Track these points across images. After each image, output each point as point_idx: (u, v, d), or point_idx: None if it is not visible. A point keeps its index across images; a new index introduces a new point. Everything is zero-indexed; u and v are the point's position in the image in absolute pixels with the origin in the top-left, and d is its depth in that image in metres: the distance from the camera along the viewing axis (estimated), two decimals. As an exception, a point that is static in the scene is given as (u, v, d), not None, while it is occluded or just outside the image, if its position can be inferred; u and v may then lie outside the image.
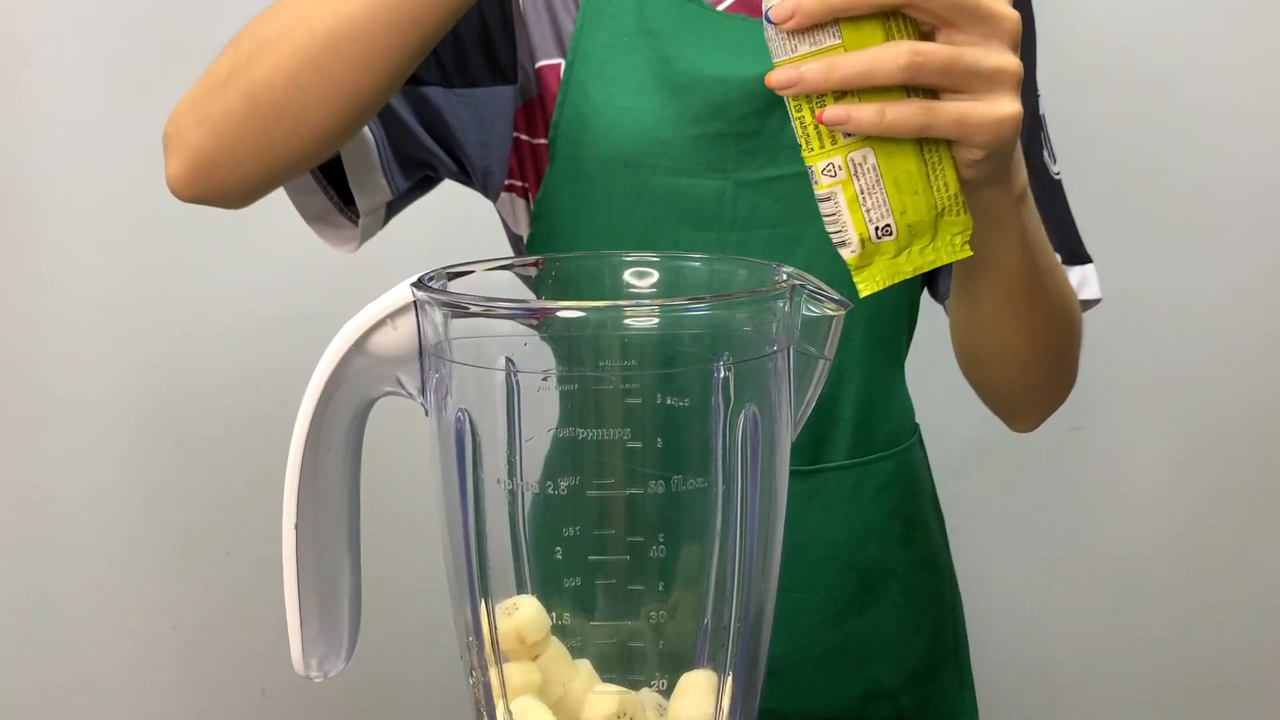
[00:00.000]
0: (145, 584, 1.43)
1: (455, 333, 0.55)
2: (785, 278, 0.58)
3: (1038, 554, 1.52)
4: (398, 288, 0.56)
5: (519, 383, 0.55)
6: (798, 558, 0.85)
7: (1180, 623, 1.53)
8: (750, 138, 0.81)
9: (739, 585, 0.58)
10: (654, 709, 0.61)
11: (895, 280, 0.57)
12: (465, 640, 0.58)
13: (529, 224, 0.87)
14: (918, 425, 0.94)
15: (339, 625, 0.61)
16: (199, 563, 1.43)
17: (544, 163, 0.84)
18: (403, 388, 0.59)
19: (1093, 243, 0.88)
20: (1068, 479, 1.50)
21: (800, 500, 0.85)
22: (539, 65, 0.83)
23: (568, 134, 0.82)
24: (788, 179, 0.81)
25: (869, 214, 0.55)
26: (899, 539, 0.89)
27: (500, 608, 0.59)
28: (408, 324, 0.57)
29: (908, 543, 0.89)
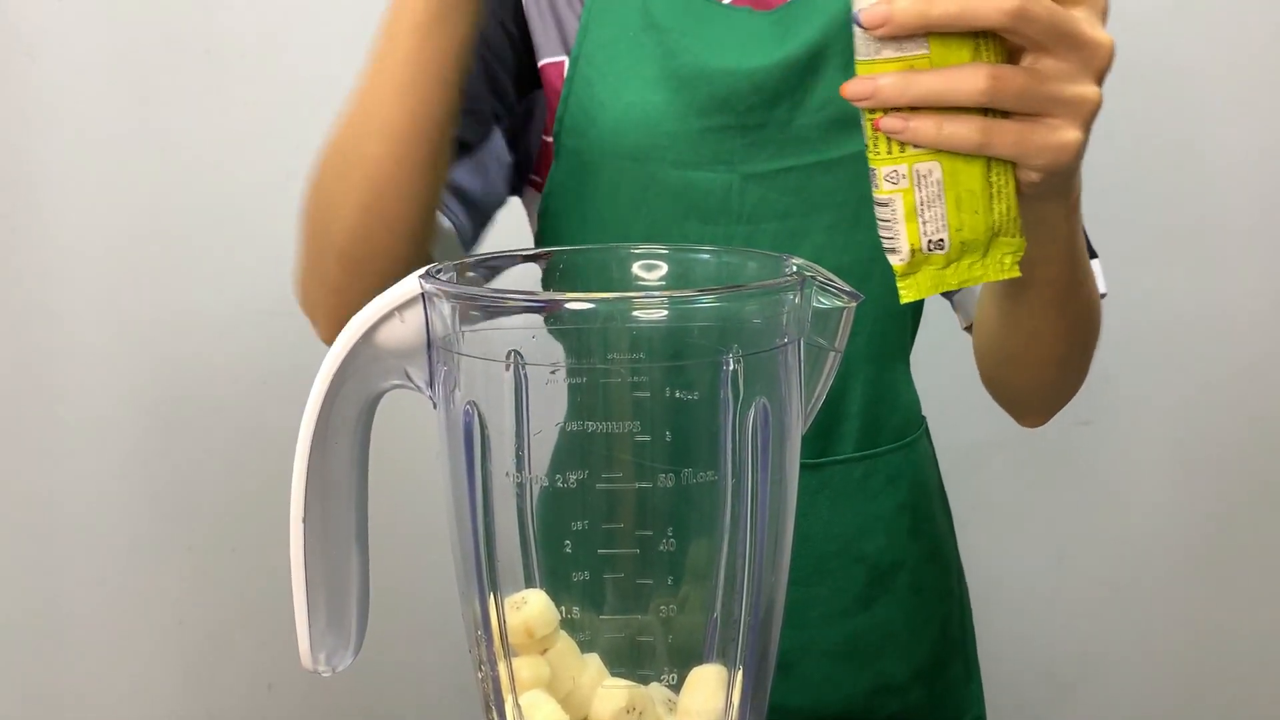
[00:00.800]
0: (153, 581, 1.43)
1: (463, 325, 0.55)
2: (795, 269, 0.58)
3: (1044, 549, 1.51)
4: (406, 280, 0.56)
5: (527, 375, 0.55)
6: (806, 551, 0.84)
7: (1187, 618, 1.53)
8: (757, 130, 0.80)
9: (749, 579, 0.58)
10: (663, 704, 0.61)
11: (938, 290, 0.56)
12: (474, 634, 0.58)
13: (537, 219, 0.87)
14: (924, 418, 0.93)
15: (347, 620, 0.61)
16: (206, 560, 1.43)
17: (549, 159, 0.84)
18: (410, 381, 0.58)
19: (1099, 238, 0.88)
20: (1074, 474, 1.50)
21: (808, 493, 0.85)
22: (542, 64, 0.83)
23: (573, 129, 0.82)
24: (795, 171, 0.81)
25: (924, 226, 0.55)
26: (907, 531, 0.88)
27: (509, 602, 0.58)
28: (415, 317, 0.56)
29: (916, 535, 0.89)
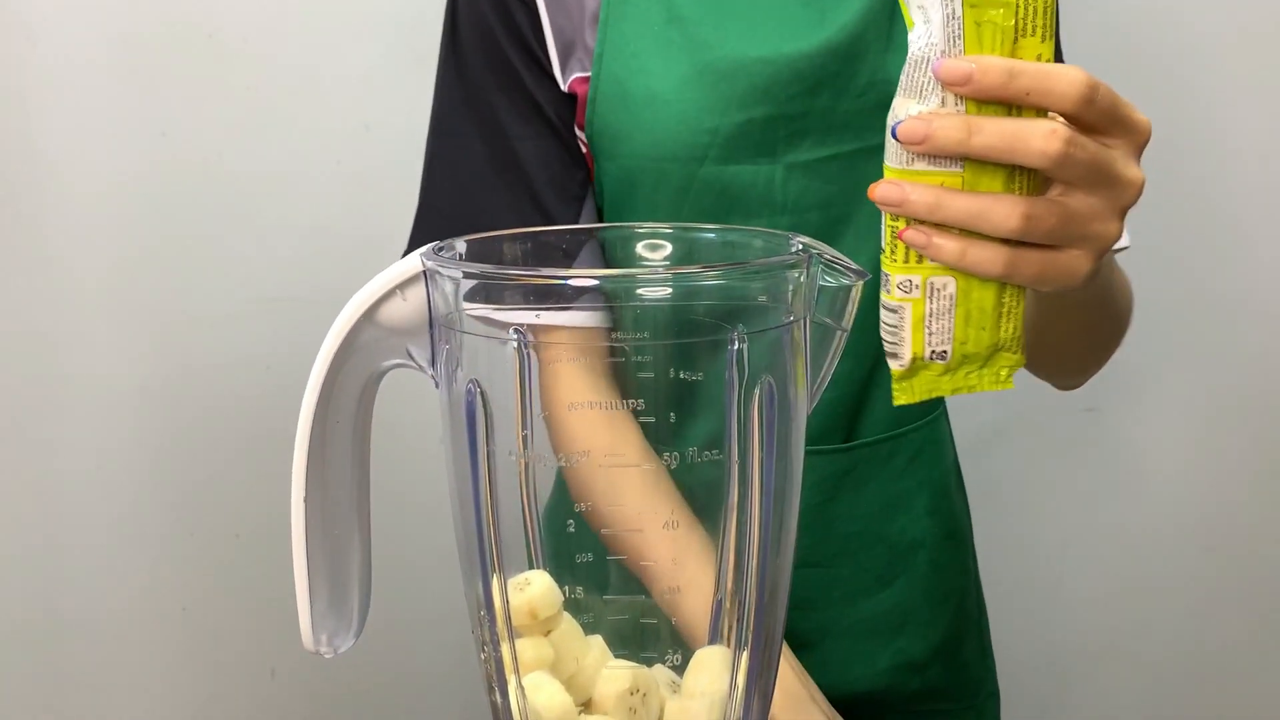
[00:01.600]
0: (155, 567, 1.43)
1: (465, 303, 0.55)
2: (800, 247, 0.57)
3: (1050, 536, 1.51)
4: (408, 258, 0.55)
5: (530, 354, 0.54)
6: (831, 533, 0.84)
7: (1193, 607, 1.52)
8: (799, 119, 0.79)
9: (754, 560, 0.57)
10: (667, 685, 0.60)
11: (930, 396, 0.57)
12: (477, 615, 0.58)
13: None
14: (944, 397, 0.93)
15: (348, 601, 0.60)
16: (209, 546, 1.43)
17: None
18: (412, 359, 0.58)
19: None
20: (1081, 462, 1.50)
21: (836, 476, 0.85)
22: (572, 79, 0.82)
23: (604, 132, 0.80)
24: (838, 159, 0.80)
25: (930, 337, 0.55)
26: (926, 510, 0.88)
27: (512, 583, 0.58)
28: (418, 295, 0.56)
29: (934, 513, 0.89)
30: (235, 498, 1.41)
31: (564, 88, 0.81)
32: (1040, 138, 0.49)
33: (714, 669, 0.58)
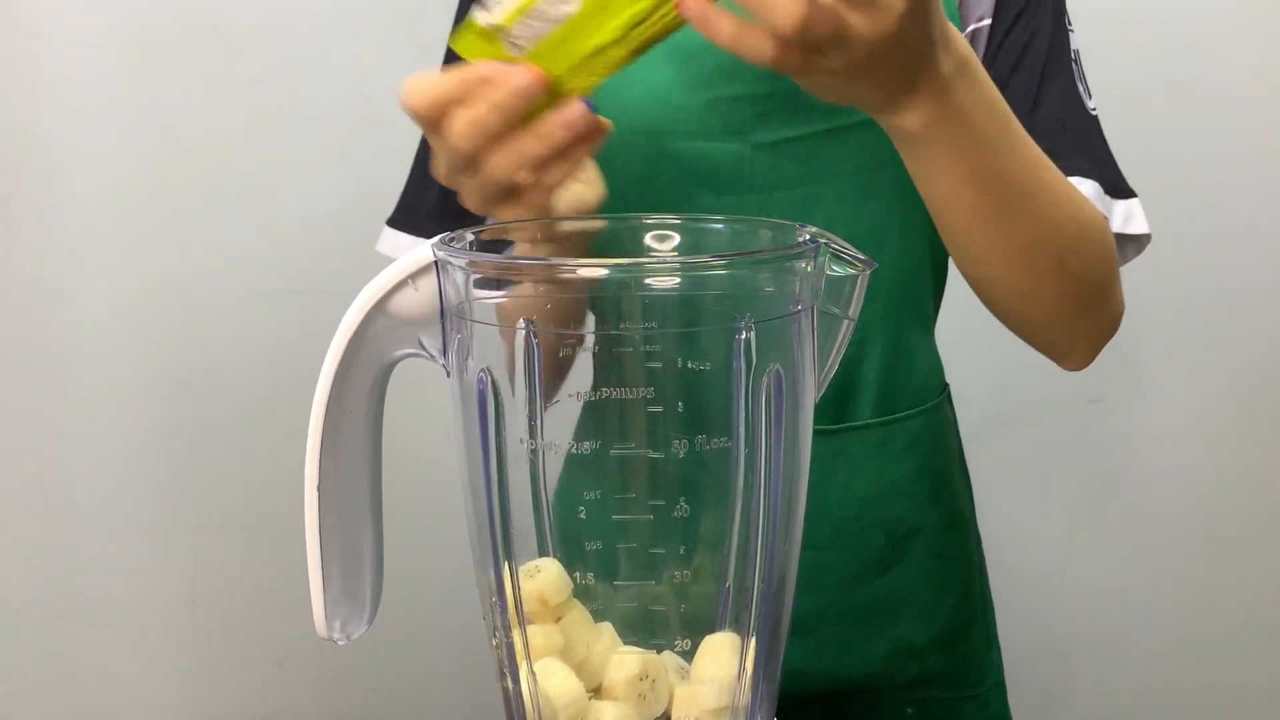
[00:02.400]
0: (164, 559, 1.44)
1: (476, 293, 0.55)
2: (808, 237, 0.58)
3: (1055, 526, 1.52)
4: (419, 248, 0.56)
5: (540, 343, 0.55)
6: (824, 516, 0.84)
7: (1198, 597, 1.53)
8: (765, 99, 0.80)
9: (762, 547, 0.58)
10: (676, 672, 0.61)
11: (473, 57, 0.61)
12: (488, 602, 0.58)
13: None
14: (947, 384, 0.93)
15: (361, 588, 0.61)
16: (217, 538, 1.44)
17: None
18: (424, 349, 0.58)
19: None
20: (1086, 452, 1.50)
21: (826, 459, 0.85)
22: None
23: None
24: (805, 139, 0.81)
25: (525, 25, 0.58)
26: (926, 497, 0.88)
27: (523, 570, 0.59)
28: (429, 285, 0.56)
29: (935, 501, 0.89)
30: (242, 489, 1.42)
31: None
32: None
33: (722, 655, 0.59)
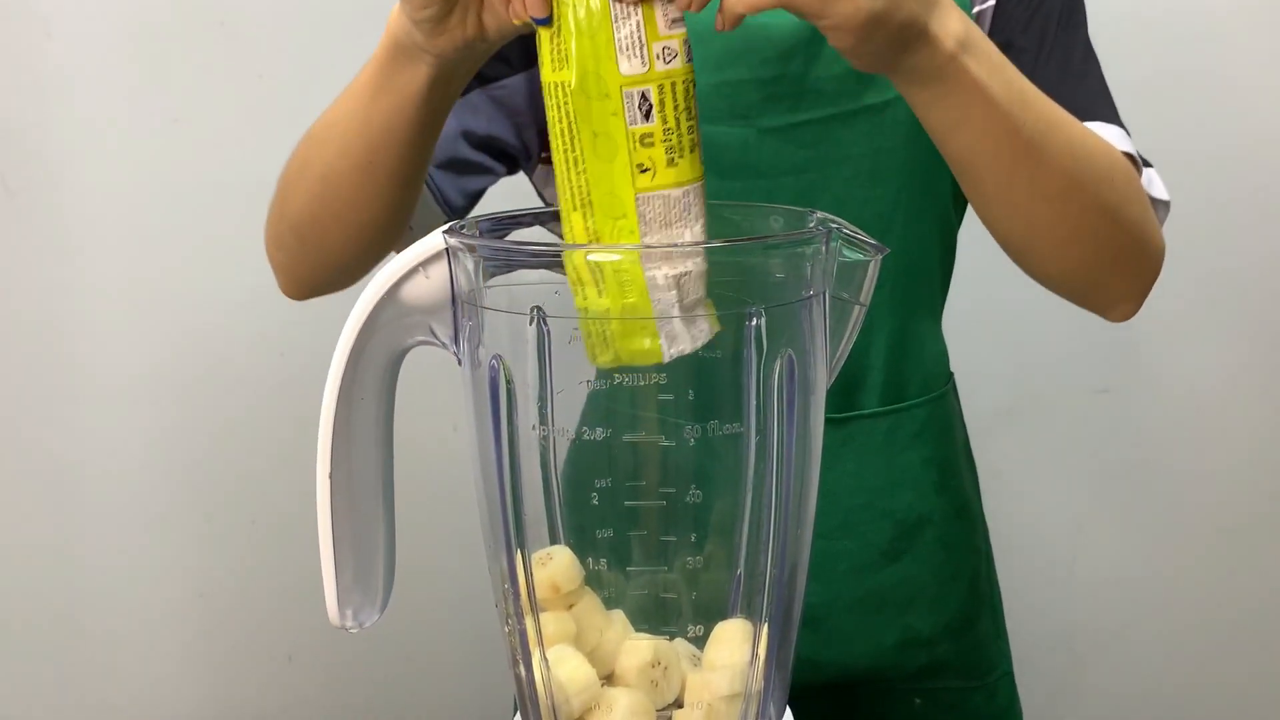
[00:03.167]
0: (172, 552, 1.44)
1: (487, 280, 0.55)
2: (818, 222, 0.58)
3: (1067, 516, 1.51)
4: (430, 235, 0.56)
5: (549, 330, 0.55)
6: (832, 505, 0.84)
7: (1210, 584, 1.53)
8: (771, 83, 0.80)
9: (774, 533, 0.58)
10: (688, 659, 0.61)
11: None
12: (500, 590, 0.58)
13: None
14: (952, 374, 0.93)
15: (373, 576, 0.61)
16: (226, 532, 1.44)
17: None
18: (435, 337, 0.58)
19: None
20: (1093, 443, 1.50)
21: (833, 448, 0.85)
22: None
23: None
24: (812, 124, 0.80)
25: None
26: (934, 486, 0.88)
27: (535, 558, 0.59)
28: (440, 272, 0.56)
29: (942, 490, 0.89)
30: (251, 483, 1.42)
31: None
32: None
33: (734, 641, 0.59)
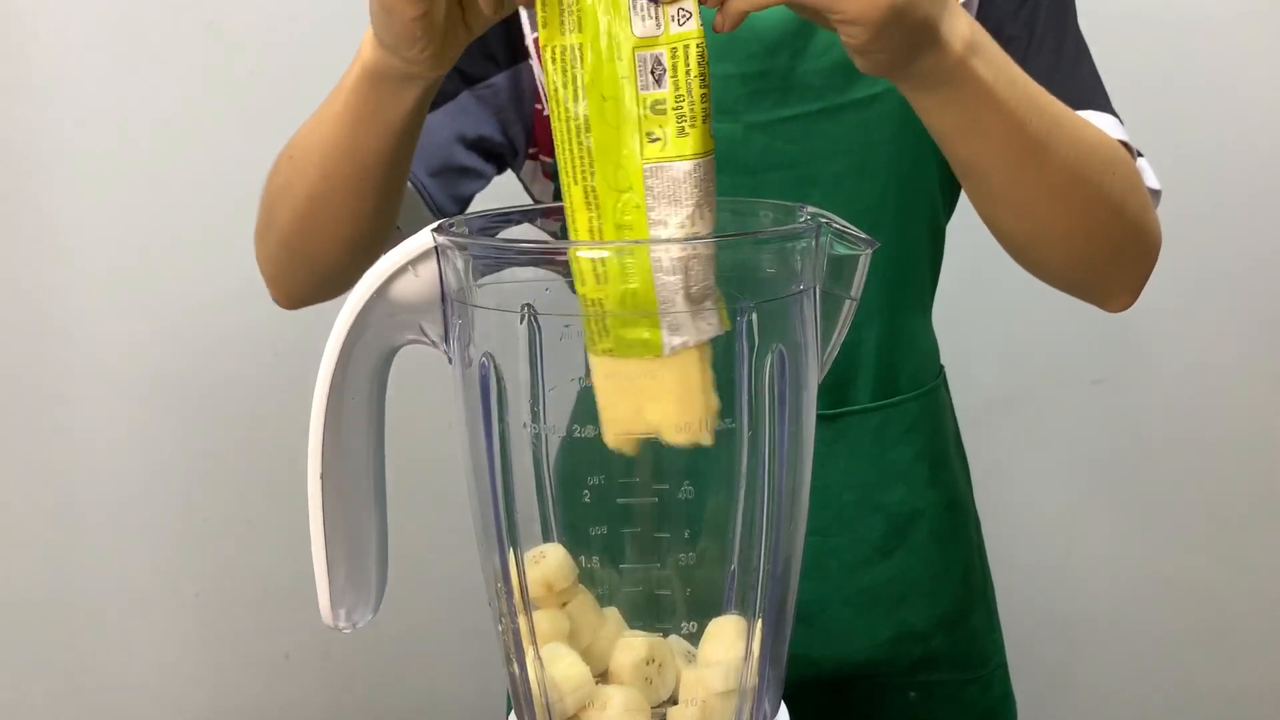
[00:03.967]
0: (169, 554, 1.43)
1: (477, 278, 0.55)
2: (809, 216, 0.57)
3: (1061, 506, 1.52)
4: (419, 234, 0.56)
5: (542, 326, 0.55)
6: (825, 501, 0.84)
7: (1204, 574, 1.53)
8: (757, 78, 0.79)
9: (767, 529, 0.58)
10: (682, 655, 0.61)
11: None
12: (494, 588, 0.58)
13: (549, 186, 0.86)
14: (943, 367, 0.93)
15: (366, 575, 0.61)
16: (221, 530, 1.43)
17: (546, 129, 0.83)
18: (425, 335, 0.58)
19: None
20: (1090, 432, 1.50)
21: (826, 444, 0.85)
22: (533, 37, 0.82)
23: None
24: (799, 119, 0.80)
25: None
26: (926, 480, 0.88)
27: (528, 556, 0.59)
28: (429, 270, 0.56)
29: (934, 484, 0.89)
30: (247, 483, 1.42)
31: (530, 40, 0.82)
32: None
33: (728, 638, 0.59)
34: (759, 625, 0.59)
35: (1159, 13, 1.38)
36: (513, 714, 0.60)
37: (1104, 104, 0.79)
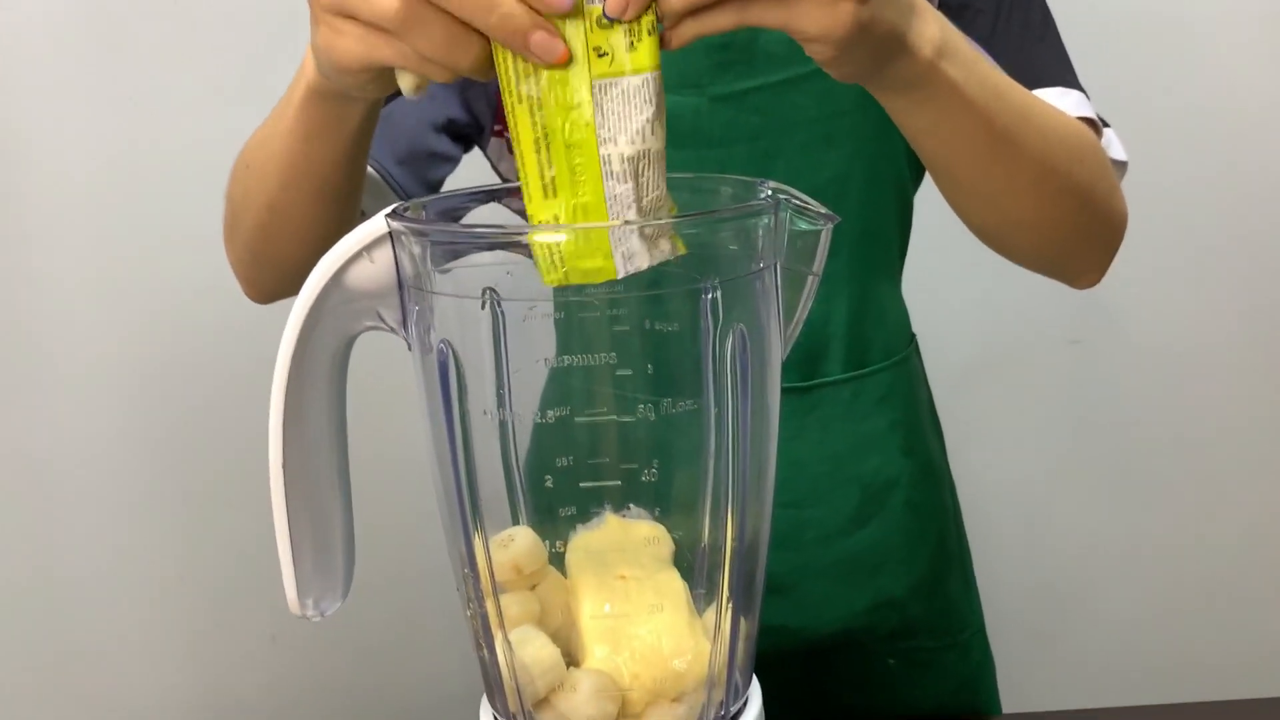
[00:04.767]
0: (152, 537, 1.44)
1: (434, 264, 0.54)
2: (769, 193, 0.57)
3: (1038, 469, 1.52)
4: (373, 219, 0.55)
5: (503, 312, 0.54)
6: (799, 474, 0.84)
7: (1183, 536, 1.54)
8: (720, 50, 0.79)
9: (733, 507, 0.57)
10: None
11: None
12: (461, 573, 0.58)
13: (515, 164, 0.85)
14: (914, 335, 0.93)
15: (333, 564, 0.61)
16: (205, 515, 1.43)
17: None
18: (383, 322, 0.57)
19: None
20: (1065, 392, 1.50)
21: (798, 416, 0.85)
22: None
23: None
24: (764, 90, 0.80)
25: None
26: (900, 449, 0.88)
27: (496, 540, 0.58)
28: (385, 256, 0.55)
29: (909, 453, 0.89)
30: (228, 465, 1.41)
31: None
32: None
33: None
34: (728, 603, 0.59)
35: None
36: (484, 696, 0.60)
37: (1070, 79, 0.79)
